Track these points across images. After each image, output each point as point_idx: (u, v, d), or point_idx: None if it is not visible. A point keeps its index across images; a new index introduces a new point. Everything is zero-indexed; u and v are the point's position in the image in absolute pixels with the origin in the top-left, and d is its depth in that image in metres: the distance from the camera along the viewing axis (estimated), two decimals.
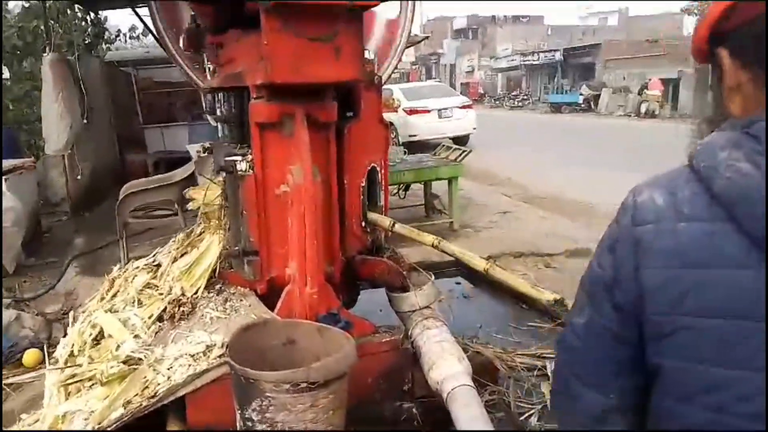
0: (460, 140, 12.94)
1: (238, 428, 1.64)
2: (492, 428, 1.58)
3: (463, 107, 14.13)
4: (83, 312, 2.57)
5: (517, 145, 15.14)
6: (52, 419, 2.03)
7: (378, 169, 2.33)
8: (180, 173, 7.55)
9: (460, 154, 7.62)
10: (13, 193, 8.27)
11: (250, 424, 1.56)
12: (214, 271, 2.26)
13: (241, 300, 2.14)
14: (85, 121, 10.43)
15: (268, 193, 1.99)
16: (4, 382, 5.57)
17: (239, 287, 2.22)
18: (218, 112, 2.26)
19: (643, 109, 23.88)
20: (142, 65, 13.63)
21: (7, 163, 8.57)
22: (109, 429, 1.71)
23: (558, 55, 31.60)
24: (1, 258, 5.16)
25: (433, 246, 2.30)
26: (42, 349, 5.95)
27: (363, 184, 2.28)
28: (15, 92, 11.99)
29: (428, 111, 13.56)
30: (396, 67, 2.97)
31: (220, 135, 2.39)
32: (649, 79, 24.71)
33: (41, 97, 9.78)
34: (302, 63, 1.73)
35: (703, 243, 0.74)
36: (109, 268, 8.29)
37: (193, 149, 7.36)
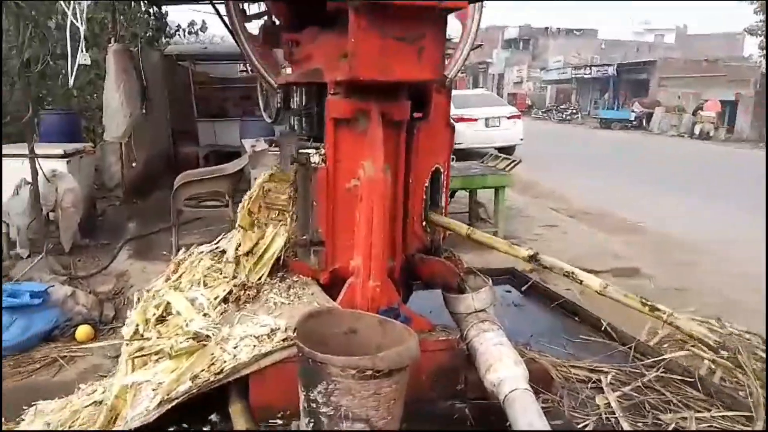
0: (506, 151, 12.85)
1: (301, 409, 1.69)
2: None
3: (511, 117, 14.03)
4: (148, 291, 2.69)
5: (564, 158, 14.94)
6: (120, 388, 2.14)
7: (442, 171, 2.37)
8: (232, 166, 7.76)
9: (509, 164, 7.57)
10: (73, 175, 8.64)
11: (314, 405, 1.62)
12: (278, 259, 2.33)
13: (303, 288, 2.21)
14: (143, 111, 10.81)
15: (338, 186, 2.06)
16: (58, 354, 5.82)
17: (302, 276, 2.29)
18: (292, 107, 2.34)
19: (696, 130, 23.20)
20: (199, 60, 14.04)
21: (70, 147, 8.98)
22: (177, 400, 1.79)
23: (611, 70, 30.97)
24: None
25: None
26: (93, 326, 6.21)
27: (427, 185, 2.32)
28: (80, 80, 12.46)
29: (475, 120, 13.51)
30: (460, 71, 3.00)
31: (288, 128, 2.47)
32: (706, 100, 23.97)
33: (104, 85, 10.18)
34: (386, 61, 1.78)
35: None
36: (160, 253, 8.55)
37: (248, 144, 7.55)
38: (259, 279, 2.30)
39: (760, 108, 21.78)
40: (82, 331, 6.13)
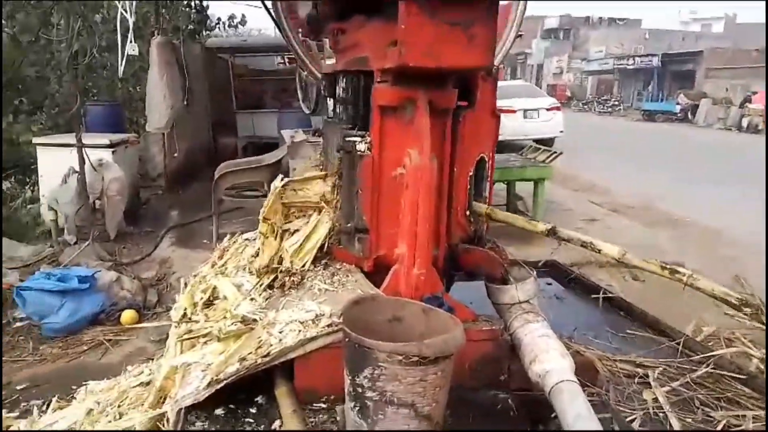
0: (545, 143, 12.62)
1: (346, 393, 1.71)
2: (599, 425, 1.57)
3: (551, 109, 13.76)
4: (194, 276, 2.76)
5: (605, 151, 14.61)
6: (169, 369, 2.21)
7: (486, 160, 2.35)
8: (270, 157, 7.88)
9: (549, 156, 7.45)
10: (118, 164, 8.88)
11: (360, 390, 1.63)
12: (322, 246, 2.36)
13: (347, 275, 2.23)
14: (185, 102, 11.04)
15: (383, 174, 2.06)
16: (104, 337, 6.02)
17: (345, 264, 2.31)
18: (338, 95, 2.35)
19: (744, 123, 22.32)
20: (239, 53, 14.25)
21: (115, 137, 9.25)
22: (225, 381, 1.84)
23: (656, 61, 29.99)
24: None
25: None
26: (138, 311, 6.40)
27: (471, 174, 2.31)
28: (125, 72, 12.77)
29: (513, 111, 13.29)
30: (504, 58, 2.97)
31: (332, 116, 2.48)
32: (755, 92, 23.02)
33: (147, 77, 10.43)
34: (437, 48, 1.77)
35: None
36: (201, 241, 8.71)
37: (287, 134, 7.64)
38: (303, 266, 2.33)
39: None
40: (127, 315, 6.33)
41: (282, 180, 2.53)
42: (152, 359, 4.57)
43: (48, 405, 3.62)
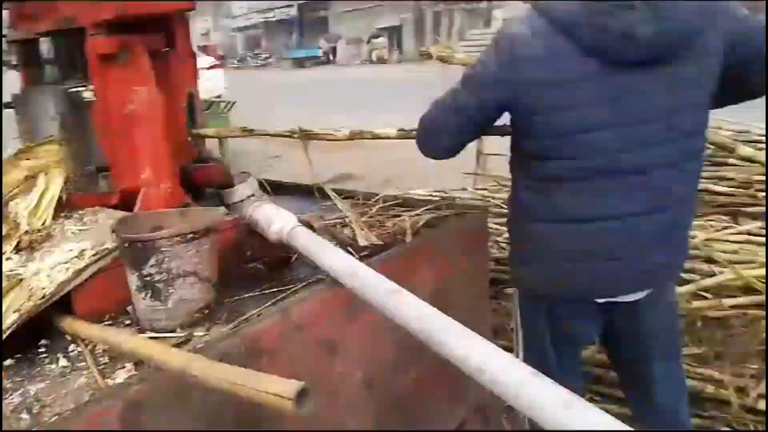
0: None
1: (134, 289, 2.06)
2: (333, 246, 2.31)
3: (212, 67, 14.21)
4: None
5: (266, 102, 15.68)
6: None
7: (194, 94, 2.80)
8: None
9: (225, 106, 8.12)
10: None
11: (149, 278, 2.01)
12: (60, 199, 2.47)
13: (95, 214, 2.43)
14: None
15: (113, 113, 2.34)
16: None
17: (88, 208, 2.50)
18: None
19: (374, 56, 26.52)
20: None
21: None
22: (7, 332, 1.96)
23: (293, 11, 32.54)
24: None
25: None
26: None
27: (184, 105, 2.73)
28: None
29: None
30: None
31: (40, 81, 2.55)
32: (378, 28, 27.34)
33: None
34: None
35: None
36: None
37: None
38: (43, 223, 2.41)
39: (419, 28, 25.87)
40: None
41: None
42: None
43: None
